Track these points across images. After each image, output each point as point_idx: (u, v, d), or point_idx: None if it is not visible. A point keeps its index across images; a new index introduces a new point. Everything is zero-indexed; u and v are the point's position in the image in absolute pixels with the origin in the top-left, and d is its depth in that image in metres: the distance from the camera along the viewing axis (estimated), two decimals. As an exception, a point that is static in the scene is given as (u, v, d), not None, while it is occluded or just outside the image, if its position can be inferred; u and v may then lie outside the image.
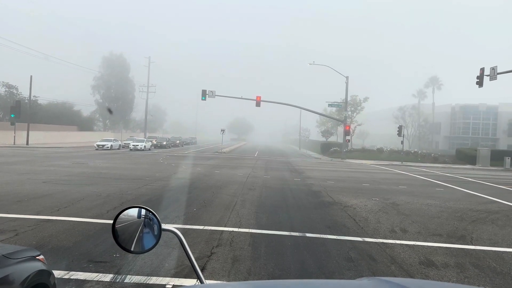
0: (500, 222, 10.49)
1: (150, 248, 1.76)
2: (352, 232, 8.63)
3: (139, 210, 1.79)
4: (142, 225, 1.77)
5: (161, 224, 1.78)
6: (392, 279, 1.49)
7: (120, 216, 1.76)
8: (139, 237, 1.75)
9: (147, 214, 1.78)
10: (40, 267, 2.89)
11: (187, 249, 1.76)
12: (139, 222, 1.77)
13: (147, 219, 1.78)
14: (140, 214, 1.78)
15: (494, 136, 73.89)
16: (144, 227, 1.77)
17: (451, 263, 6.55)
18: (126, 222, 1.76)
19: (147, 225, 1.77)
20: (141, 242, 1.75)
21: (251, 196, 13.36)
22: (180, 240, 1.76)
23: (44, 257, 3.17)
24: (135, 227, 1.76)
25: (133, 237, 1.74)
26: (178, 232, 1.78)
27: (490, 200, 14.93)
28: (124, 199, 11.64)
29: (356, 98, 64.28)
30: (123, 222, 1.75)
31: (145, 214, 1.78)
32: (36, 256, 3.04)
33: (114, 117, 79.53)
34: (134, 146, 47.41)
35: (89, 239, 7.12)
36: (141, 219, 1.78)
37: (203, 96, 43.21)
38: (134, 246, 1.74)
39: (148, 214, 1.78)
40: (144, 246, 1.75)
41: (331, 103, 53.29)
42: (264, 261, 6.25)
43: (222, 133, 52.06)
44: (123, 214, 1.77)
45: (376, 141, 76.18)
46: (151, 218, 1.78)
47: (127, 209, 1.79)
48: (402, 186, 18.93)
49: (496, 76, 24.98)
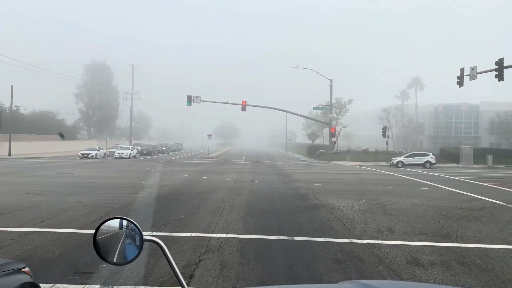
0: (484, 219, 10.68)
1: (132, 259, 1.75)
2: (339, 234, 8.68)
3: (121, 221, 1.77)
4: (124, 236, 1.75)
5: (143, 234, 1.76)
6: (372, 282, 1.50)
7: (101, 228, 1.74)
8: (121, 248, 1.74)
9: (129, 224, 1.77)
10: (26, 280, 2.85)
11: (169, 258, 1.75)
12: (121, 233, 1.76)
13: (129, 229, 1.77)
14: (122, 225, 1.77)
15: (476, 134, 75.30)
16: (126, 238, 1.75)
17: (437, 261, 6.63)
18: (107, 233, 1.74)
19: (129, 235, 1.76)
20: (123, 253, 1.73)
21: (238, 201, 13.33)
22: (162, 249, 1.75)
23: (29, 269, 3.12)
24: (117, 238, 1.74)
25: (115, 248, 1.73)
26: (160, 241, 1.77)
27: (474, 197, 15.18)
28: (110, 208, 11.50)
29: (340, 100, 64.82)
30: (104, 234, 1.73)
31: (127, 225, 1.77)
32: (22, 269, 2.99)
33: (98, 125, 78.73)
34: (120, 154, 46.97)
35: (75, 250, 7.01)
36: (123, 230, 1.76)
37: (188, 102, 43.06)
38: (117, 258, 1.72)
39: (130, 225, 1.77)
40: (127, 257, 1.74)
41: (316, 106, 53.67)
42: (252, 266, 6.24)
43: (209, 139, 51.96)
44: (104, 225, 1.75)
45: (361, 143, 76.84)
46: (133, 228, 1.77)
47: (108, 220, 1.78)
48: (388, 186, 19.13)
49: (476, 75, 25.49)
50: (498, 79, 24.01)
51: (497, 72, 23.95)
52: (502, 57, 23.92)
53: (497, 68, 23.92)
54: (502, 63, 23.80)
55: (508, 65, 23.91)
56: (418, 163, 38.74)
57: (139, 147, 56.60)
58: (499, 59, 23.97)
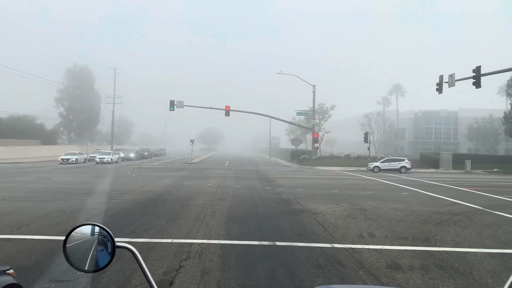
0: (462, 223, 10.87)
1: (104, 266, 1.71)
2: (321, 238, 8.71)
3: (93, 227, 1.73)
4: (96, 242, 1.71)
5: (116, 241, 1.73)
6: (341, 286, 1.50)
7: (71, 235, 1.70)
8: (93, 255, 1.70)
9: (101, 231, 1.73)
10: (10, 281, 2.80)
11: (142, 265, 1.71)
12: (93, 239, 1.72)
13: (101, 236, 1.73)
14: (94, 232, 1.72)
15: (455, 140, 76.92)
16: (98, 245, 1.71)
17: (416, 265, 6.71)
18: (78, 240, 1.70)
19: (101, 242, 1.72)
20: (95, 260, 1.69)
21: (221, 206, 13.26)
22: (135, 256, 1.72)
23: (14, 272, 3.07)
24: (89, 245, 1.70)
25: (87, 255, 1.68)
26: (133, 248, 1.73)
27: (453, 202, 15.46)
28: (89, 214, 11.29)
29: (323, 106, 65.34)
30: (75, 241, 1.69)
31: (99, 231, 1.73)
32: (6, 271, 2.95)
33: (79, 130, 77.44)
34: (101, 159, 46.28)
35: (52, 258, 6.84)
36: (95, 236, 1.72)
37: (171, 107, 42.77)
38: (88, 265, 1.68)
39: (102, 231, 1.73)
40: (99, 264, 1.70)
41: (299, 112, 54.01)
42: (234, 272, 6.20)
43: (192, 144, 51.62)
44: (75, 232, 1.71)
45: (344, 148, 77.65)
46: (105, 235, 1.73)
47: (79, 226, 1.73)
48: (369, 191, 19.32)
49: (454, 82, 26.08)
50: (476, 87, 24.62)
51: (474, 79, 24.55)
52: (479, 65, 24.54)
53: (475, 75, 24.52)
54: (479, 71, 24.42)
55: (485, 73, 24.55)
56: (394, 168, 39.32)
57: (121, 152, 55.89)
58: (476, 67, 24.59)
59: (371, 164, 41.06)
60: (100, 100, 77.17)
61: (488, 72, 24.81)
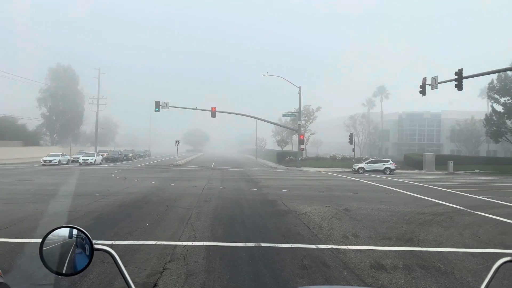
0: (445, 224, 11.04)
1: (83, 269, 1.67)
2: (306, 239, 8.73)
3: (70, 229, 1.70)
4: (74, 245, 1.68)
5: (94, 243, 1.70)
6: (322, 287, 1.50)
7: (48, 237, 1.66)
8: (71, 258, 1.66)
9: (79, 233, 1.70)
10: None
11: (121, 268, 1.69)
12: (71, 242, 1.68)
13: (79, 238, 1.69)
14: (72, 234, 1.69)
15: (438, 141, 78.20)
16: (77, 248, 1.68)
17: (399, 266, 6.78)
18: (56, 243, 1.66)
19: (79, 245, 1.69)
20: (73, 263, 1.66)
21: (206, 208, 13.20)
22: (114, 259, 1.69)
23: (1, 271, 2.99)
24: (67, 248, 1.67)
25: (64, 258, 1.65)
26: (111, 250, 1.70)
27: (436, 202, 15.70)
28: (72, 216, 11.10)
29: (309, 108, 65.73)
30: (52, 244, 1.65)
31: (77, 234, 1.70)
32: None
33: (62, 131, 76.20)
34: (84, 160, 45.70)
35: (32, 261, 6.70)
36: (73, 239, 1.69)
37: (156, 108, 42.45)
38: (66, 268, 1.64)
39: (80, 234, 1.70)
40: (77, 267, 1.66)
41: (285, 113, 54.24)
42: (218, 274, 6.17)
43: (177, 145, 51.31)
44: (52, 234, 1.67)
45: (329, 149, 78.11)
46: (83, 237, 1.70)
47: (57, 229, 1.70)
48: (354, 192, 19.48)
49: (437, 85, 26.51)
50: (458, 89, 25.07)
51: (456, 82, 25.00)
52: (461, 68, 25.01)
53: (457, 78, 24.97)
54: (461, 74, 24.88)
55: (466, 76, 25.01)
56: (379, 169, 39.78)
57: (105, 154, 55.22)
58: (458, 69, 25.05)
59: (356, 165, 41.43)
60: (84, 101, 76.26)
61: (470, 75, 25.30)
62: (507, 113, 47.86)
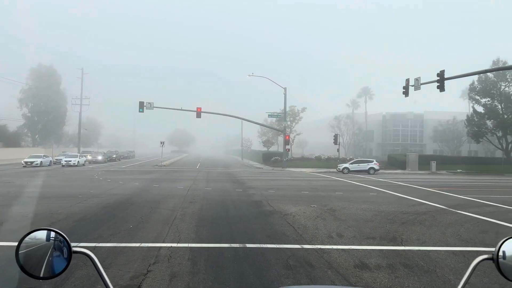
0: (427, 223, 11.21)
1: (61, 272, 1.64)
2: (291, 240, 8.76)
3: (48, 232, 1.66)
4: (52, 248, 1.64)
5: (72, 245, 1.66)
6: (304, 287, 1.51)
7: (25, 240, 1.62)
8: (49, 261, 1.62)
9: (57, 236, 1.66)
10: None
11: (100, 270, 1.66)
12: (49, 245, 1.64)
13: (57, 241, 1.65)
14: (50, 237, 1.65)
15: (421, 142, 79.43)
16: (55, 250, 1.64)
17: (383, 265, 6.85)
18: (33, 246, 1.62)
19: (57, 248, 1.65)
20: (51, 266, 1.62)
21: (191, 209, 13.12)
22: (93, 261, 1.66)
23: None
24: (44, 251, 1.63)
25: (42, 261, 1.61)
26: (90, 253, 1.67)
27: (419, 202, 15.93)
28: (54, 219, 10.91)
29: (294, 108, 66.07)
30: (29, 247, 1.61)
31: (55, 236, 1.66)
32: None
33: (44, 132, 74.81)
34: (67, 161, 44.98)
35: (12, 265, 6.52)
36: (51, 242, 1.65)
37: (141, 108, 42.06)
38: (44, 271, 1.60)
39: (58, 237, 1.66)
40: (55, 270, 1.63)
41: (271, 114, 54.38)
42: (203, 275, 6.14)
43: (162, 146, 50.92)
44: (29, 237, 1.63)
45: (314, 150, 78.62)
46: (62, 240, 1.66)
47: (33, 232, 1.66)
48: (339, 192, 19.63)
49: (420, 86, 26.92)
50: (440, 90, 25.50)
51: (438, 83, 25.42)
52: (443, 70, 25.44)
53: (439, 79, 25.40)
54: (443, 75, 25.31)
55: (448, 77, 25.46)
56: (363, 169, 40.21)
57: (88, 155, 54.48)
58: (440, 71, 25.48)
59: (340, 165, 41.77)
60: (66, 101, 74.96)
61: (451, 77, 25.75)
62: (488, 114, 48.94)
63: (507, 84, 48.04)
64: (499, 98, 48.27)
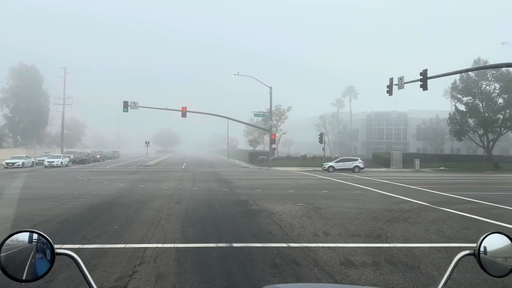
0: (412, 220, 11.37)
1: (44, 274, 1.61)
2: (277, 238, 8.78)
3: (30, 234, 1.63)
4: (34, 250, 1.61)
5: (56, 247, 1.64)
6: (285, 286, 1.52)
7: (6, 243, 1.59)
8: (32, 263, 1.60)
9: (40, 238, 1.63)
10: None
11: (85, 272, 1.64)
12: (31, 247, 1.61)
13: (40, 243, 1.63)
14: (32, 239, 1.62)
15: (405, 140, 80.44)
16: (37, 252, 1.62)
17: (368, 262, 6.93)
18: (15, 248, 1.59)
19: (40, 250, 1.62)
20: (33, 268, 1.59)
21: (177, 209, 13.05)
22: (76, 263, 1.64)
23: None
24: (26, 253, 1.60)
25: (24, 264, 1.58)
26: (74, 254, 1.65)
27: (403, 199, 16.14)
28: (36, 221, 10.72)
29: (280, 107, 66.28)
30: (11, 249, 1.58)
31: (38, 238, 1.63)
32: None
33: (26, 132, 73.37)
34: (50, 162, 44.26)
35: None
36: (33, 243, 1.62)
37: (125, 108, 41.60)
38: (26, 274, 1.58)
39: (41, 238, 1.64)
40: (38, 272, 1.60)
41: (257, 113, 54.40)
42: (189, 275, 6.11)
43: (147, 146, 50.48)
44: (10, 239, 1.60)
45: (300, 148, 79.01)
46: (44, 242, 1.63)
47: (15, 234, 1.63)
48: (325, 190, 19.76)
49: (403, 85, 27.27)
50: (423, 89, 25.88)
51: (421, 82, 25.79)
52: (426, 69, 25.83)
53: (422, 78, 25.77)
54: (426, 74, 25.69)
55: (431, 76, 25.85)
56: (348, 168, 40.61)
57: (72, 155, 53.66)
58: (423, 70, 25.86)
59: (326, 164, 42.07)
60: (48, 101, 73.79)
61: (434, 76, 26.15)
62: (469, 112, 49.84)
63: (487, 83, 49.01)
64: (480, 96, 49.22)
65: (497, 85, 48.36)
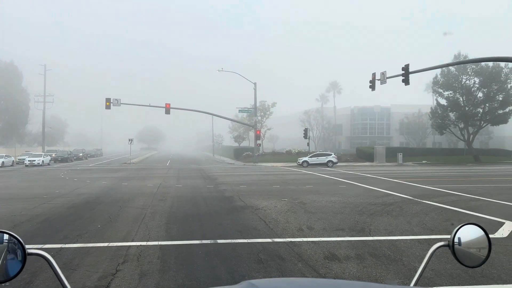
0: (394, 213, 11.53)
1: (15, 275, 1.58)
2: (262, 234, 8.80)
3: (1, 235, 1.59)
4: (5, 251, 1.58)
5: (27, 247, 1.61)
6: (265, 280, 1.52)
7: None
8: (3, 264, 1.56)
9: (11, 238, 1.60)
10: None
11: (58, 272, 1.61)
12: (2, 248, 1.58)
13: (11, 244, 1.59)
14: (2, 239, 1.59)
15: (388, 134, 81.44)
16: (9, 253, 1.58)
17: (352, 255, 7.00)
18: None
19: (11, 250, 1.59)
20: (5, 269, 1.56)
21: (161, 207, 12.95)
22: (49, 263, 1.60)
23: None
24: None
25: None
26: (46, 254, 1.62)
27: (386, 193, 16.36)
28: (16, 221, 10.50)
29: (265, 103, 66.35)
30: None
31: (8, 239, 1.60)
32: None
33: (5, 131, 71.73)
34: (30, 161, 43.43)
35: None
36: (4, 244, 1.58)
37: (107, 105, 41.04)
38: None
39: (12, 239, 1.60)
40: (9, 273, 1.57)
41: (241, 109, 54.29)
42: (173, 273, 6.07)
43: (130, 143, 49.96)
44: None
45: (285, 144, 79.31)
46: (16, 242, 1.60)
47: None
48: (309, 185, 19.89)
49: (386, 80, 27.56)
50: (405, 84, 26.18)
51: (403, 77, 26.10)
52: (407, 64, 26.14)
53: (404, 73, 26.08)
54: (407, 69, 26.00)
55: (412, 71, 26.18)
56: (322, 163, 41.15)
57: (53, 154, 52.75)
58: (405, 65, 26.17)
59: (300, 159, 42.61)
60: (28, 99, 72.14)
61: (415, 70, 26.49)
62: (450, 106, 50.70)
63: (468, 77, 49.88)
64: (461, 91, 50.08)
65: (477, 80, 49.27)
